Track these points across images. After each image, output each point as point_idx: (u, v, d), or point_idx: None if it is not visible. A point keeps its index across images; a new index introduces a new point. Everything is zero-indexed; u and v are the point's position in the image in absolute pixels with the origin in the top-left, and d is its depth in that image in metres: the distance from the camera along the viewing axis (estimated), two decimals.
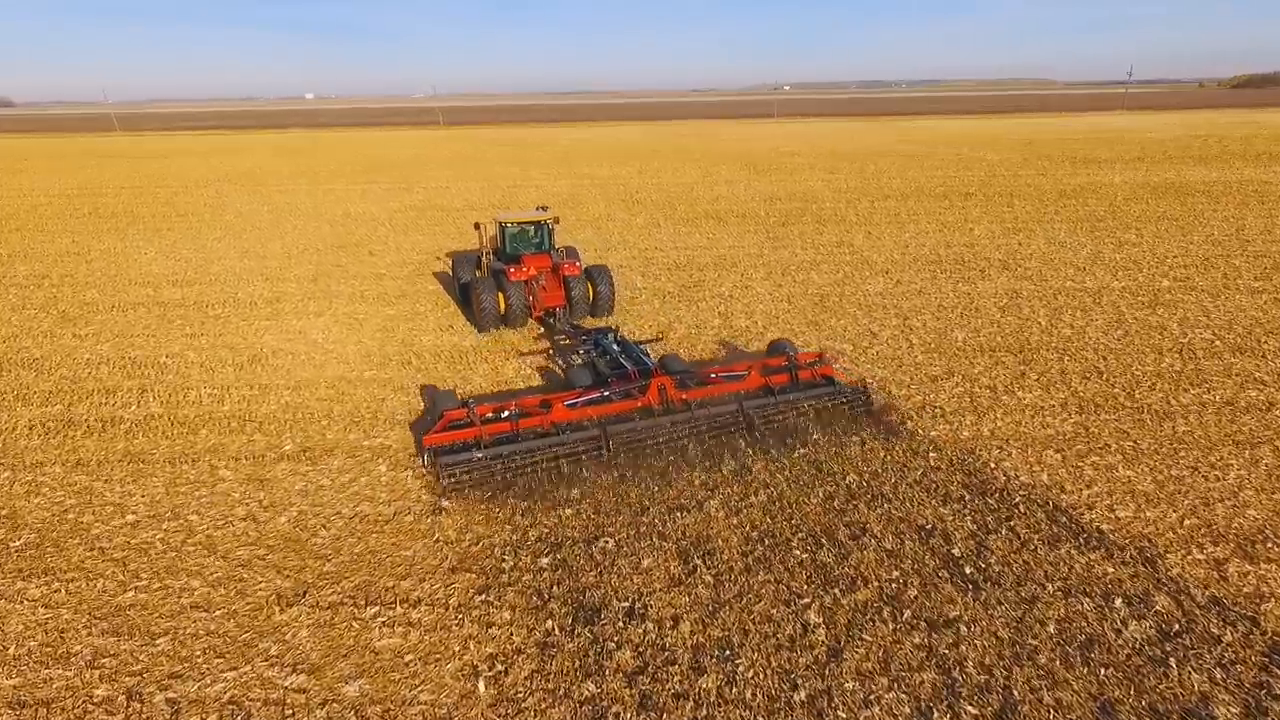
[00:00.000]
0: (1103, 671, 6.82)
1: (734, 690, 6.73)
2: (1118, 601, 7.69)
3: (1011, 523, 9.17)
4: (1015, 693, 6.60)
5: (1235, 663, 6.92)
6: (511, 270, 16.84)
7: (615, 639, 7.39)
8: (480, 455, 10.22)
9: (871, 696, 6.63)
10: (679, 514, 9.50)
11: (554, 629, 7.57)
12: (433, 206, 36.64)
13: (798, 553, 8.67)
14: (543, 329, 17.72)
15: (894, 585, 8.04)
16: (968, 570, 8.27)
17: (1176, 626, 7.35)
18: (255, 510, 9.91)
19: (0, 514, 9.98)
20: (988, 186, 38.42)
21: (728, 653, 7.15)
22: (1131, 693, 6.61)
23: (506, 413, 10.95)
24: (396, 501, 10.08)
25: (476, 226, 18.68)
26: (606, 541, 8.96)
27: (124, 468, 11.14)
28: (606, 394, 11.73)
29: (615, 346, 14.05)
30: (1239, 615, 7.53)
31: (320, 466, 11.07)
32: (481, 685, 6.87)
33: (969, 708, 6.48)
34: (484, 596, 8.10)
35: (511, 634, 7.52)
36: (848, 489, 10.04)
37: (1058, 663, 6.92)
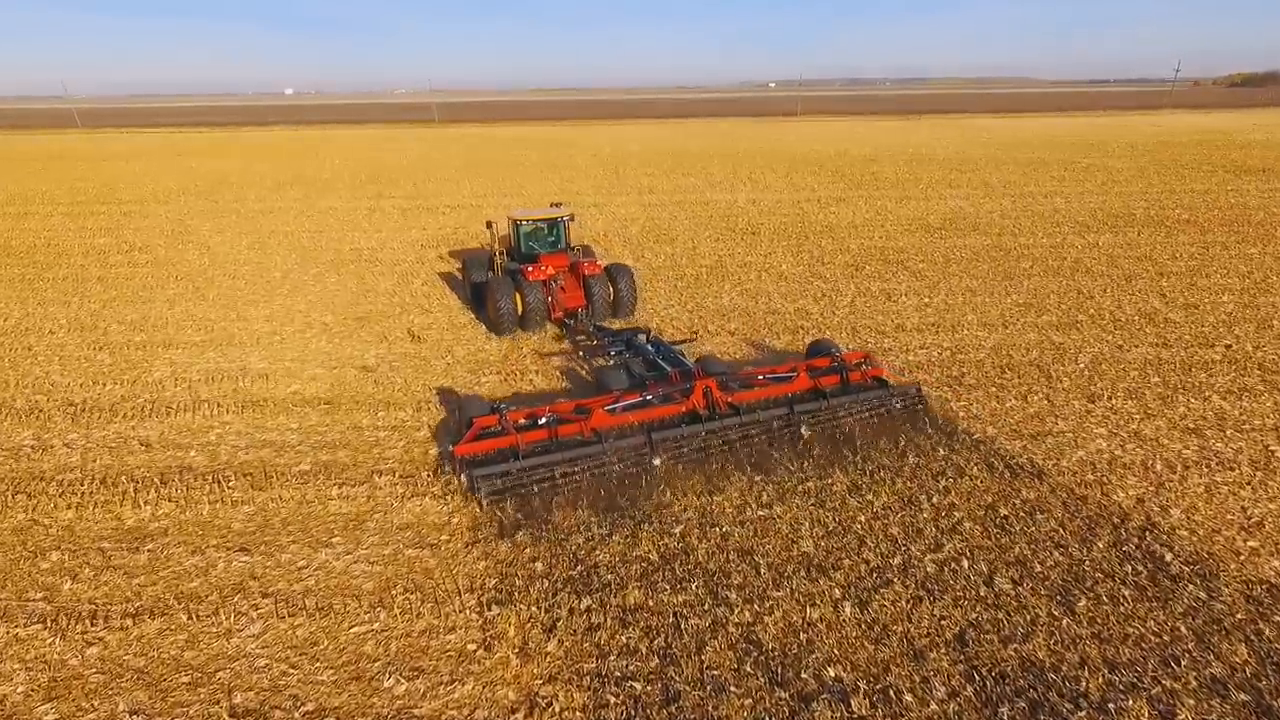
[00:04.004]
0: None
1: None
2: None
3: None
4: None
5: None
6: (529, 270, 16.00)
7: None
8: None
9: None
10: None
11: None
12: (473, 237, 26.90)
13: None
14: (561, 332, 16.33)
15: None
16: None
17: None
18: None
19: None
20: (1195, 211, 29.33)
21: None
22: None
23: (543, 419, 10.07)
24: None
25: (489, 225, 17.44)
26: None
27: None
28: (648, 397, 10.73)
29: (650, 347, 13.16)
30: None
31: None
32: None
33: None
34: None
35: None
36: None
37: None
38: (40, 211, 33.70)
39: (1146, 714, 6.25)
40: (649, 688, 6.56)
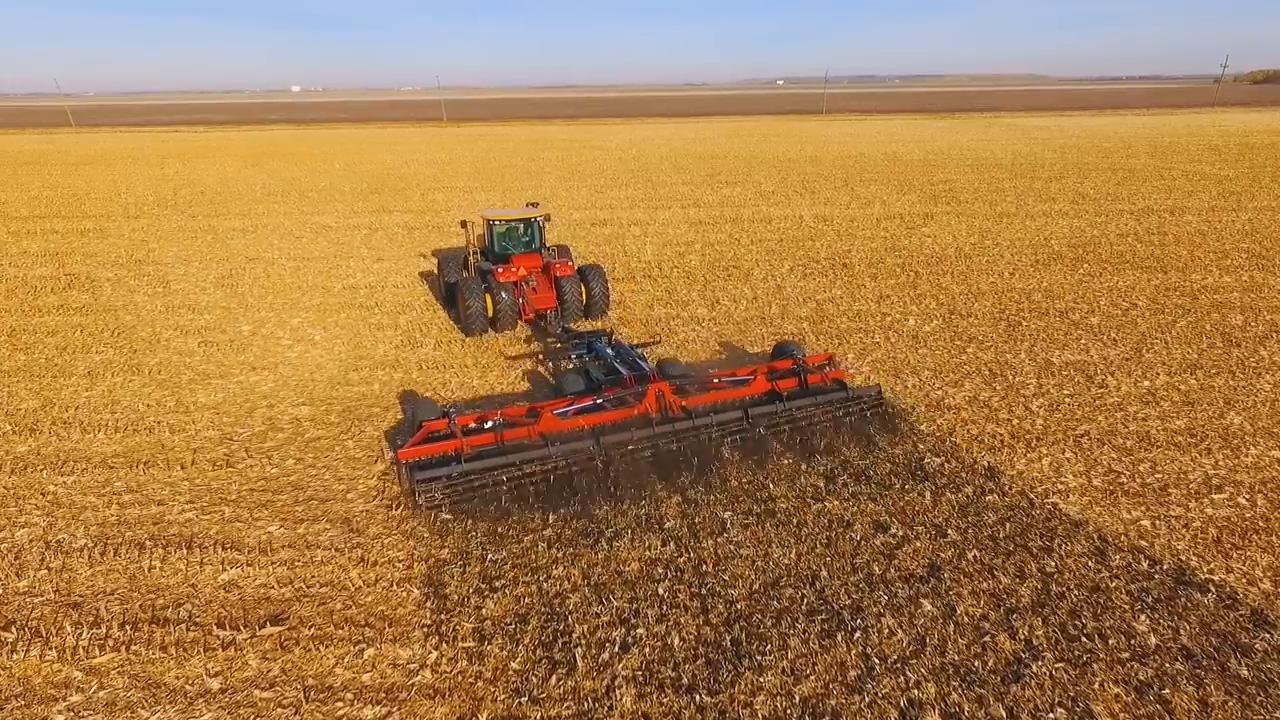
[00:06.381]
0: None
1: None
2: None
3: None
4: None
5: None
6: (499, 270, 15.56)
7: None
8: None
9: None
10: None
11: None
12: None
13: None
14: (532, 333, 16.07)
15: None
16: None
17: None
18: None
19: None
20: None
21: None
22: None
23: (490, 423, 10.01)
24: None
25: (463, 225, 17.41)
26: None
27: None
28: (599, 401, 10.61)
29: (609, 350, 12.82)
30: None
31: None
32: None
33: None
34: None
35: None
36: None
37: None
38: None
39: None
40: None
